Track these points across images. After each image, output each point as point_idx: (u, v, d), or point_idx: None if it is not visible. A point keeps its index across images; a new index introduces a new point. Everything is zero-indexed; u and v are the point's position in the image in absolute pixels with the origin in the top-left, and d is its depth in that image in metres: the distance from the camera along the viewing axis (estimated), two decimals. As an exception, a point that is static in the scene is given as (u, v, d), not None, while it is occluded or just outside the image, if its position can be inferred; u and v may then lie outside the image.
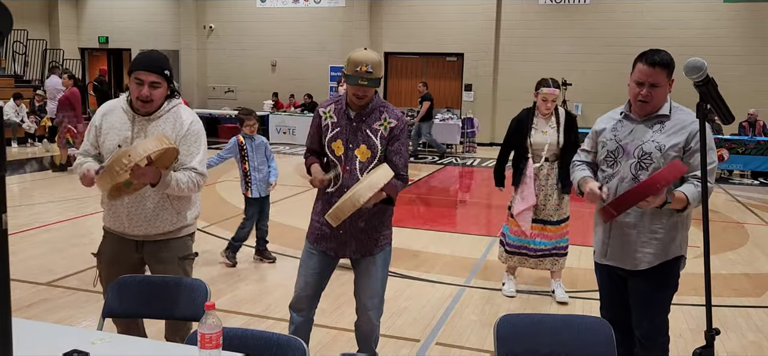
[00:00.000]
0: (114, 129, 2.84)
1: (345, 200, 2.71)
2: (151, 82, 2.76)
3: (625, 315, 2.88)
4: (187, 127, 2.86)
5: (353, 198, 2.68)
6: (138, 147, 2.53)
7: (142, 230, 2.87)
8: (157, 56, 2.84)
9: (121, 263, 2.94)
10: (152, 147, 2.54)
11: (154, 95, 2.78)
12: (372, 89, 2.94)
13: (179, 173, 2.80)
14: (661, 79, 2.65)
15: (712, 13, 15.33)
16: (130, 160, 2.48)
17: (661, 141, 2.68)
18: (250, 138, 5.46)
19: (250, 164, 5.42)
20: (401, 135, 3.02)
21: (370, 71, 2.86)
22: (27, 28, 17.74)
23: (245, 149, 5.43)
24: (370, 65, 2.85)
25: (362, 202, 2.68)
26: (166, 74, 2.82)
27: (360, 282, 3.15)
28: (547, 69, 16.21)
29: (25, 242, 5.38)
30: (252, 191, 5.44)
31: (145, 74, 2.75)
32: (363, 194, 2.68)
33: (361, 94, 2.92)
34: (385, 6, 17.76)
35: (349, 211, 2.71)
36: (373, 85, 2.90)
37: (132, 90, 2.80)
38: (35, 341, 2.08)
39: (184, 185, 2.80)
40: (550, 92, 4.59)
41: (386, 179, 2.77)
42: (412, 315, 4.45)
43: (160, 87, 2.80)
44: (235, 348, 2.04)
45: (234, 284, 5.02)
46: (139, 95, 2.77)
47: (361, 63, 2.85)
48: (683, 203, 2.58)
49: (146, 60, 2.79)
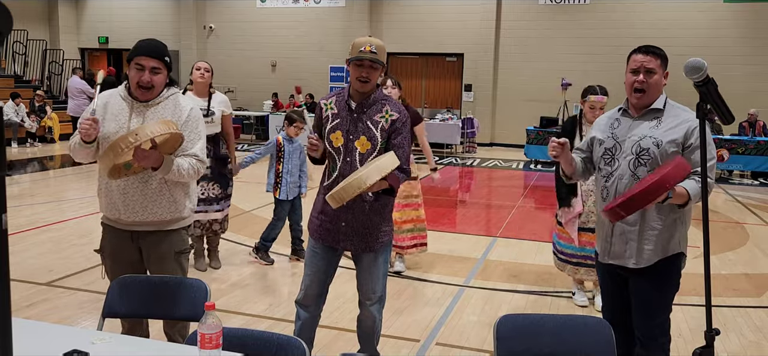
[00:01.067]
0: (112, 115, 2.83)
1: (350, 181, 2.69)
2: (152, 67, 2.77)
3: (625, 316, 2.88)
4: (187, 113, 2.88)
5: (360, 180, 2.66)
6: (145, 128, 2.55)
7: (136, 216, 2.85)
8: (157, 43, 2.86)
9: (121, 258, 2.95)
10: (159, 130, 2.56)
11: (154, 80, 2.78)
12: (376, 73, 2.95)
13: (180, 159, 2.81)
14: (656, 65, 2.69)
15: (712, 13, 15.33)
16: (137, 139, 2.50)
17: (658, 137, 2.68)
18: (290, 140, 5.47)
19: (284, 166, 5.43)
20: (403, 128, 3.02)
21: (374, 51, 2.90)
22: (27, 28, 17.74)
23: (283, 150, 5.44)
24: (374, 46, 2.91)
25: (368, 185, 2.66)
26: (166, 61, 2.83)
27: (362, 277, 3.17)
28: (547, 69, 16.31)
29: (25, 242, 5.38)
30: (281, 192, 5.44)
31: (146, 60, 2.76)
32: (370, 176, 2.66)
33: (365, 75, 2.92)
34: (385, 6, 17.76)
35: (354, 193, 2.69)
36: (377, 66, 2.92)
37: (132, 77, 2.80)
38: (35, 341, 2.08)
39: (184, 171, 2.81)
40: (598, 100, 4.46)
41: (393, 165, 2.77)
42: (412, 315, 4.45)
43: (160, 73, 2.80)
44: (235, 348, 2.04)
45: (234, 284, 5.02)
46: (139, 80, 2.77)
47: (365, 44, 2.91)
48: (684, 198, 2.58)
49: (147, 46, 2.80)
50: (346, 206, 2.98)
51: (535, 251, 6.31)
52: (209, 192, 5.12)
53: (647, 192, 2.41)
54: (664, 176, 2.39)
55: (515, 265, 5.82)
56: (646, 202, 2.45)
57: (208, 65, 5.09)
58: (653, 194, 2.40)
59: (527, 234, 7.10)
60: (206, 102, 5.02)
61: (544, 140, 13.61)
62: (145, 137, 2.52)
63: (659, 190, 2.39)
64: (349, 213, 3.01)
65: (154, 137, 2.56)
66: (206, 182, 5.11)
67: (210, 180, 5.12)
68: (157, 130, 2.55)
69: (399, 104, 3.07)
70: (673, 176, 2.39)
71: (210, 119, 4.98)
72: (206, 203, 5.13)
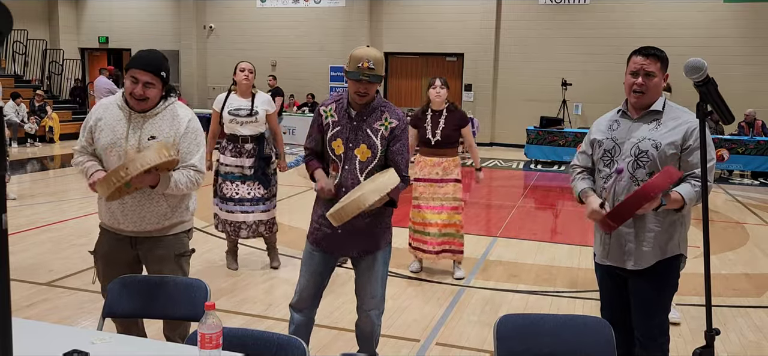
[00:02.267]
0: (108, 126, 2.83)
1: (350, 201, 2.70)
2: (146, 82, 2.76)
3: (625, 316, 2.88)
4: (185, 125, 2.86)
5: (359, 201, 2.67)
6: (136, 161, 2.54)
7: (135, 225, 2.86)
8: (154, 56, 2.82)
9: (117, 260, 2.94)
10: (151, 161, 2.55)
11: (147, 93, 2.78)
12: (374, 86, 2.94)
13: (178, 173, 2.80)
14: (655, 68, 2.68)
15: (712, 13, 15.33)
16: (128, 173, 2.51)
17: (657, 139, 2.68)
18: None
19: None
20: (402, 135, 3.02)
21: (372, 67, 2.87)
22: (27, 28, 17.74)
23: None
24: (371, 61, 2.87)
25: (367, 206, 2.68)
26: (162, 75, 2.81)
27: (361, 281, 3.16)
28: (547, 69, 16.31)
29: (25, 242, 5.38)
30: None
31: (140, 73, 2.75)
32: (369, 198, 2.67)
33: (362, 90, 2.91)
34: (385, 6, 17.76)
35: (353, 213, 2.70)
36: (375, 82, 2.91)
37: (126, 87, 2.80)
38: (35, 341, 2.08)
39: (183, 185, 2.81)
40: None
41: (393, 184, 2.78)
42: (412, 315, 4.45)
43: (154, 88, 2.79)
44: (235, 348, 2.03)
45: (234, 284, 5.02)
46: (132, 92, 2.77)
47: (363, 59, 2.86)
48: (679, 203, 2.59)
49: (143, 59, 2.79)
50: None
51: (535, 251, 6.30)
52: (254, 192, 5.09)
53: (631, 201, 2.43)
54: (648, 184, 2.42)
55: (515, 265, 5.82)
56: (634, 209, 2.47)
57: (251, 66, 5.16)
58: (638, 202, 2.43)
59: (527, 234, 7.10)
60: (250, 102, 5.08)
61: (544, 140, 13.61)
62: (136, 171, 2.52)
63: (644, 198, 2.41)
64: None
65: (144, 169, 2.55)
66: (251, 182, 5.09)
67: (253, 180, 5.09)
68: (149, 160, 2.54)
69: (398, 111, 3.06)
70: (658, 184, 2.41)
71: (254, 118, 5.03)
72: (252, 203, 5.10)
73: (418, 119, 5.17)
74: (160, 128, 2.82)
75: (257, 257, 5.77)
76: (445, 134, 5.05)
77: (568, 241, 6.73)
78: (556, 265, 5.46)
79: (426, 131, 5.08)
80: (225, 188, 5.09)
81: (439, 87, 5.07)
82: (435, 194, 5.15)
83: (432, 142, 5.07)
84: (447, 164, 5.13)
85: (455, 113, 5.14)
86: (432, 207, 5.17)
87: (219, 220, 5.22)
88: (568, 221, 8.22)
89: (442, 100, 5.09)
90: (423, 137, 5.11)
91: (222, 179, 5.12)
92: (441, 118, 5.07)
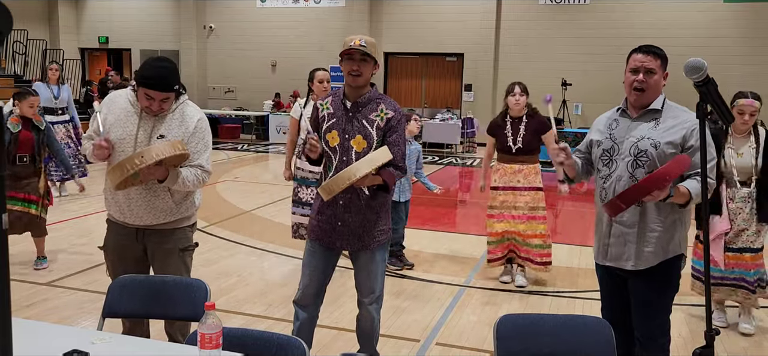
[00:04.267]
0: (120, 121, 2.86)
1: (341, 173, 2.73)
2: (161, 99, 2.79)
3: (625, 316, 2.88)
4: (194, 125, 2.90)
5: (350, 171, 2.70)
6: (151, 150, 2.60)
7: (141, 219, 2.90)
8: (166, 74, 2.77)
9: (125, 254, 3.00)
10: (165, 152, 2.61)
11: (163, 107, 2.83)
12: (367, 67, 2.95)
13: (186, 170, 2.85)
14: (656, 65, 2.68)
15: (712, 13, 15.32)
16: (143, 161, 2.57)
17: (656, 138, 2.67)
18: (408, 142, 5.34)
19: None
20: (398, 126, 3.03)
21: (363, 45, 2.91)
22: (27, 28, 17.73)
23: None
24: (363, 40, 2.93)
25: (358, 177, 2.70)
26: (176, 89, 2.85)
27: (359, 276, 3.18)
28: (547, 69, 16.30)
29: (25, 242, 5.39)
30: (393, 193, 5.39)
31: (155, 93, 2.76)
32: (360, 168, 2.70)
33: (355, 69, 2.93)
34: (385, 6, 17.76)
35: (344, 184, 2.72)
36: (368, 61, 2.93)
37: (140, 99, 2.81)
38: (35, 341, 2.08)
39: (189, 182, 2.86)
40: (748, 104, 4.09)
41: (385, 158, 2.79)
42: (412, 315, 4.45)
43: (168, 101, 2.83)
44: (235, 348, 2.04)
45: (234, 284, 5.02)
46: (148, 107, 2.80)
47: (355, 37, 2.94)
48: (686, 197, 2.57)
49: (158, 81, 2.74)
50: (343, 206, 3.00)
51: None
52: None
53: (643, 185, 2.40)
54: (661, 170, 2.39)
55: (515, 265, 5.81)
56: (644, 193, 2.41)
57: (329, 75, 5.17)
58: (649, 187, 2.39)
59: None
60: None
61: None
62: (151, 159, 2.58)
63: (656, 183, 2.38)
64: (346, 213, 3.02)
65: (159, 158, 2.61)
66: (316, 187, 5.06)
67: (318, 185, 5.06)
68: (164, 152, 2.61)
69: (394, 103, 3.08)
70: (671, 171, 2.38)
71: None
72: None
73: (498, 126, 5.04)
74: (170, 128, 2.86)
75: (258, 257, 5.77)
76: (526, 141, 4.90)
77: (568, 241, 6.73)
78: (556, 265, 5.46)
79: (506, 138, 4.94)
80: (301, 192, 5.08)
81: (519, 94, 4.93)
82: (516, 202, 4.99)
83: (513, 149, 4.93)
84: (528, 171, 4.98)
85: (535, 117, 4.99)
86: (513, 216, 5.00)
87: (297, 226, 5.09)
88: (568, 221, 8.22)
89: (522, 107, 4.96)
90: (503, 144, 4.97)
91: (298, 184, 5.10)
92: (521, 124, 4.95)
